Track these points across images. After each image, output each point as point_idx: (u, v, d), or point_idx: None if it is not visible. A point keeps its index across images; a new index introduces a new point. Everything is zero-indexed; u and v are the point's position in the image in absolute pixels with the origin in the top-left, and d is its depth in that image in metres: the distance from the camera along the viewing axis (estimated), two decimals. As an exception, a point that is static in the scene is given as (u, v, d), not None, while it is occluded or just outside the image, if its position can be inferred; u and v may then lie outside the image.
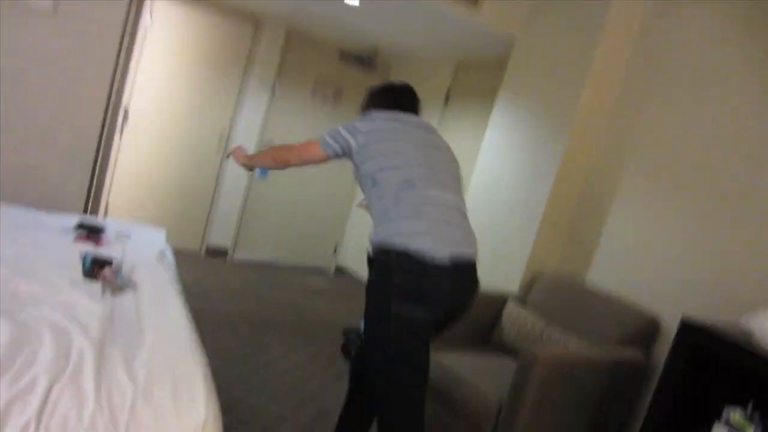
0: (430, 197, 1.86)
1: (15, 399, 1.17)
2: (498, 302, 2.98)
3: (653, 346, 2.60)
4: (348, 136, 1.97)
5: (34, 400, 1.18)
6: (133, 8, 2.92)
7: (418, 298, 1.76)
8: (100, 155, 2.98)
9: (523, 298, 3.03)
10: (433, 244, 1.76)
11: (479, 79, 4.34)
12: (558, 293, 2.91)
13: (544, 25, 3.45)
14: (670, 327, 2.41)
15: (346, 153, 2.01)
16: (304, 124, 5.17)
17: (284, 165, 2.14)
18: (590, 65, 3.04)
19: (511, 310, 2.87)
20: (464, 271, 1.88)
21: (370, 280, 1.88)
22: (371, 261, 1.90)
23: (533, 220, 3.15)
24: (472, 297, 1.98)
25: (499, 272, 3.30)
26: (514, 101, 3.54)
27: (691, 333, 2.06)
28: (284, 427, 2.51)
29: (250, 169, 2.34)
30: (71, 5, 2.70)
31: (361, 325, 1.95)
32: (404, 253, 1.75)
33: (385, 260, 1.81)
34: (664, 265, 2.68)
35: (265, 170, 3.96)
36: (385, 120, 2.00)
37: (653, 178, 2.83)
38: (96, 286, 1.84)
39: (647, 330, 2.59)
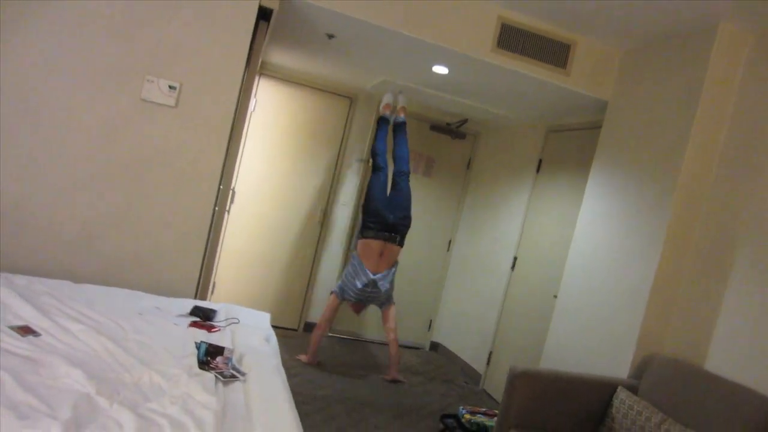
0: None
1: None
2: (607, 389, 2.80)
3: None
4: None
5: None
6: (243, 97, 3.19)
7: None
8: (210, 238, 3.19)
9: (634, 385, 2.83)
10: None
11: (571, 145, 4.28)
12: (674, 380, 2.69)
13: (638, 89, 3.40)
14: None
15: None
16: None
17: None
18: (690, 128, 2.93)
19: (622, 399, 2.68)
20: None
21: None
22: None
23: (640, 295, 2.98)
24: None
25: (604, 353, 3.13)
26: (611, 168, 3.45)
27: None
28: None
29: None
30: (190, 99, 3.00)
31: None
32: None
33: None
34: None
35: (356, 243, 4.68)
36: None
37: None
38: (210, 377, 1.93)
39: (785, 427, 2.31)
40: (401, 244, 4.28)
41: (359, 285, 4.12)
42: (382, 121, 4.52)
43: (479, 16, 3.37)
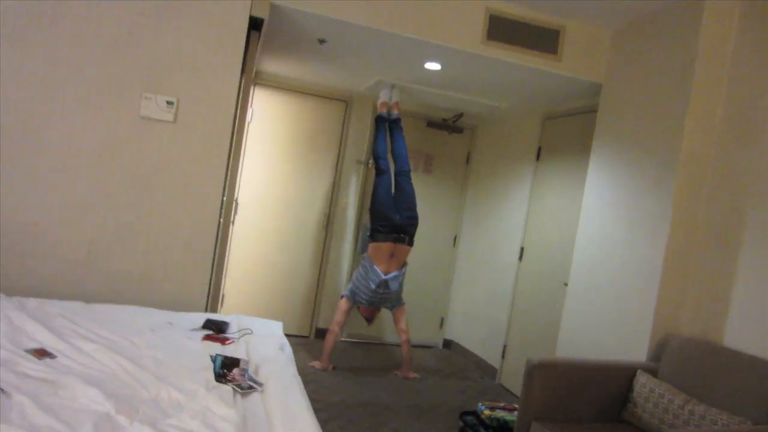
0: None
1: None
2: (626, 373, 2.79)
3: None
4: None
5: None
6: (240, 107, 3.19)
7: None
8: (217, 250, 3.19)
9: (654, 368, 2.81)
10: None
11: (569, 130, 4.28)
12: (694, 359, 2.67)
13: (631, 68, 3.40)
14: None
15: None
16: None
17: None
18: (687, 101, 2.93)
19: (643, 383, 2.66)
20: None
21: None
22: None
23: (652, 275, 2.96)
24: None
25: (620, 337, 3.11)
26: (611, 149, 3.45)
27: None
28: None
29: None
30: (188, 113, 3.00)
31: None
32: None
33: None
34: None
35: (363, 246, 4.76)
36: None
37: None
38: (227, 389, 1.92)
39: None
40: (411, 243, 4.35)
41: (372, 286, 4.17)
42: (379, 121, 4.55)
43: (467, 9, 3.37)
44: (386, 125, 4.54)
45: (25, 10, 2.73)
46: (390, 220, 4.27)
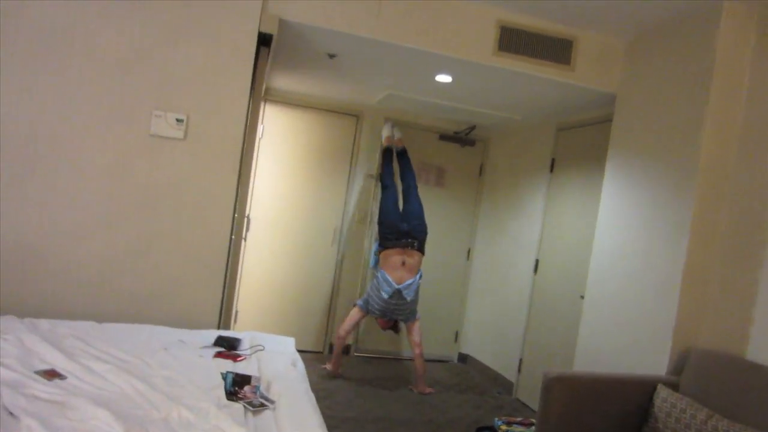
0: None
1: None
2: (646, 387, 2.72)
3: None
4: None
5: None
6: (250, 124, 3.19)
7: None
8: (229, 267, 3.18)
9: (674, 382, 2.74)
10: None
11: (583, 141, 4.23)
12: (715, 373, 2.59)
13: (646, 78, 3.35)
14: None
15: None
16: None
17: None
18: (705, 110, 2.87)
19: (664, 397, 2.59)
20: None
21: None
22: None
23: (672, 287, 2.90)
24: None
25: (639, 350, 3.04)
26: (627, 160, 3.39)
27: None
28: None
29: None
30: (198, 130, 3.00)
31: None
32: None
33: None
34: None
35: (375, 259, 4.80)
36: None
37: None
38: (238, 408, 1.89)
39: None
40: (421, 250, 4.38)
41: (384, 296, 4.17)
42: (387, 152, 4.80)
43: (478, 20, 3.35)
44: (393, 155, 4.75)
45: (36, 28, 2.77)
46: (397, 227, 4.36)
